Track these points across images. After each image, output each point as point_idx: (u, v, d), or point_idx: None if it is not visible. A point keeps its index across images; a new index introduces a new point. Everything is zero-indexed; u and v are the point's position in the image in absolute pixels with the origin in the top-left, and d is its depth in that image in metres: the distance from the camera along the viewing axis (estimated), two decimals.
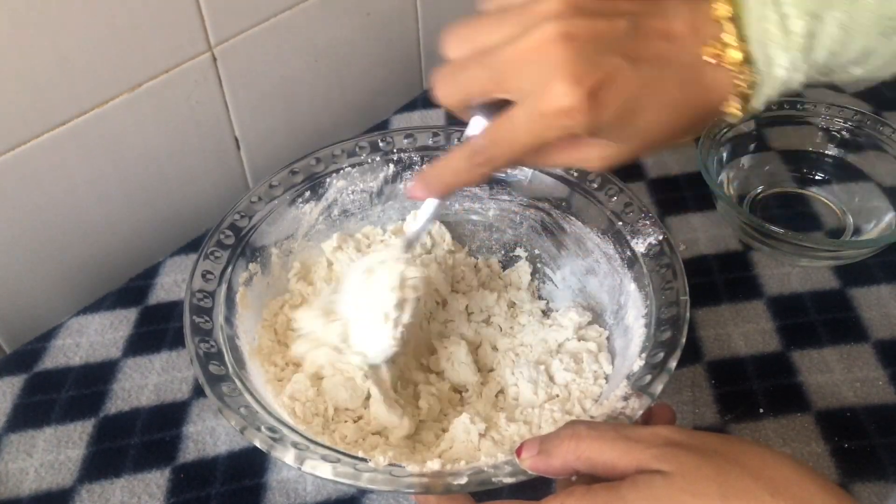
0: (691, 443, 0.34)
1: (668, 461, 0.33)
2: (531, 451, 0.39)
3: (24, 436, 0.53)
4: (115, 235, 0.65)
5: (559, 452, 0.37)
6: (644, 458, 0.34)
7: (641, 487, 0.33)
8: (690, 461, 0.33)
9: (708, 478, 0.32)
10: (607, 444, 0.35)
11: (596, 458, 0.36)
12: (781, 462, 0.33)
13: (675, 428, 0.36)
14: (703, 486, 0.32)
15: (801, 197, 0.67)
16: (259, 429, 0.43)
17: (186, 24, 0.60)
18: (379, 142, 0.61)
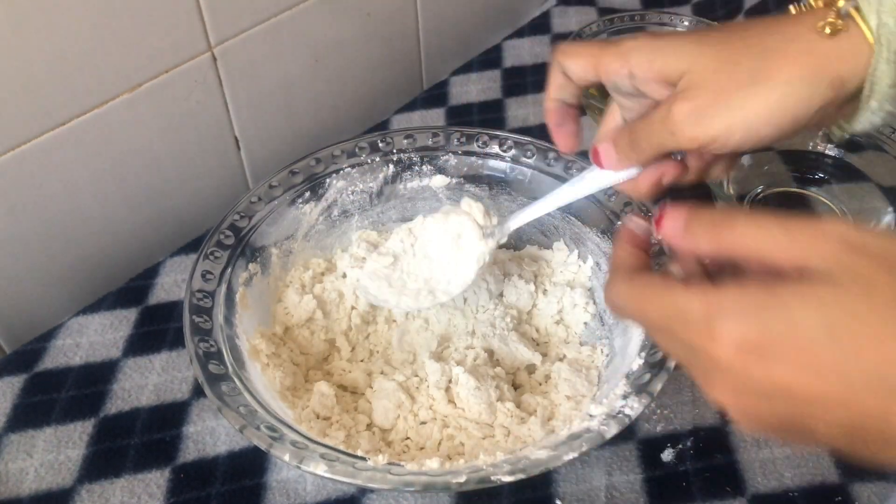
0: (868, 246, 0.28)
1: (839, 266, 0.28)
2: (676, 223, 0.33)
3: (24, 436, 0.53)
4: (115, 235, 0.65)
5: (709, 234, 0.32)
6: (810, 257, 0.29)
7: (809, 297, 0.28)
8: (865, 268, 0.28)
9: (886, 284, 0.27)
10: (766, 232, 0.30)
11: (751, 246, 0.31)
12: None
13: (850, 226, 0.29)
14: (880, 293, 0.27)
15: (801, 197, 0.67)
16: (258, 428, 0.43)
17: (186, 24, 0.60)
18: (379, 142, 0.61)
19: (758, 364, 0.28)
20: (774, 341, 0.28)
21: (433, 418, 0.51)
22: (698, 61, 0.39)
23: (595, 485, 0.48)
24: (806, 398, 0.28)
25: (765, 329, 0.28)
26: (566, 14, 0.91)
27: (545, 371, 0.54)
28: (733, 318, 0.29)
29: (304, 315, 0.56)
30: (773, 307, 0.28)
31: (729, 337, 0.29)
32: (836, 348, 0.27)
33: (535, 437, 0.48)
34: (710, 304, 0.30)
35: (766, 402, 0.29)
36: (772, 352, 0.28)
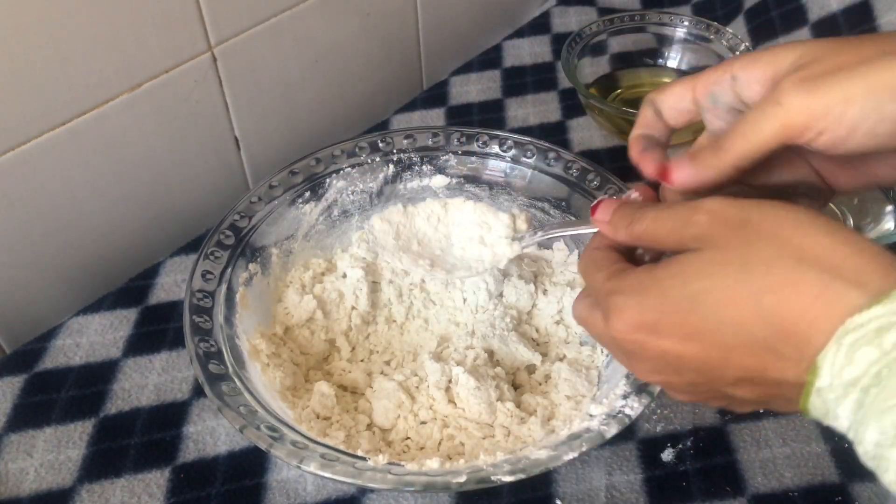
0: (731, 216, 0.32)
1: (703, 238, 0.32)
2: (605, 216, 0.39)
3: (24, 436, 0.53)
4: (115, 235, 0.65)
5: (624, 228, 0.37)
6: (684, 237, 0.33)
7: (673, 266, 0.33)
8: (722, 235, 0.32)
9: (733, 248, 0.31)
10: (661, 220, 0.35)
11: (651, 234, 0.35)
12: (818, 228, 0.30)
13: (724, 200, 0.33)
14: (727, 256, 0.31)
15: None
16: (258, 428, 0.43)
17: (186, 24, 0.60)
18: (379, 142, 0.62)
19: (649, 341, 0.33)
20: (655, 318, 0.32)
21: (433, 418, 0.51)
22: (811, 46, 0.35)
23: (595, 485, 0.48)
24: (698, 364, 0.32)
25: (645, 308, 0.33)
26: (566, 14, 0.91)
27: (545, 371, 0.54)
28: (620, 303, 0.34)
29: (305, 315, 0.56)
30: (649, 286, 0.33)
31: (619, 321, 0.33)
32: (702, 314, 0.31)
33: (535, 437, 0.48)
34: (610, 292, 0.34)
35: (676, 373, 0.34)
36: (655, 328, 0.32)
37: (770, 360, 0.30)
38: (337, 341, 0.56)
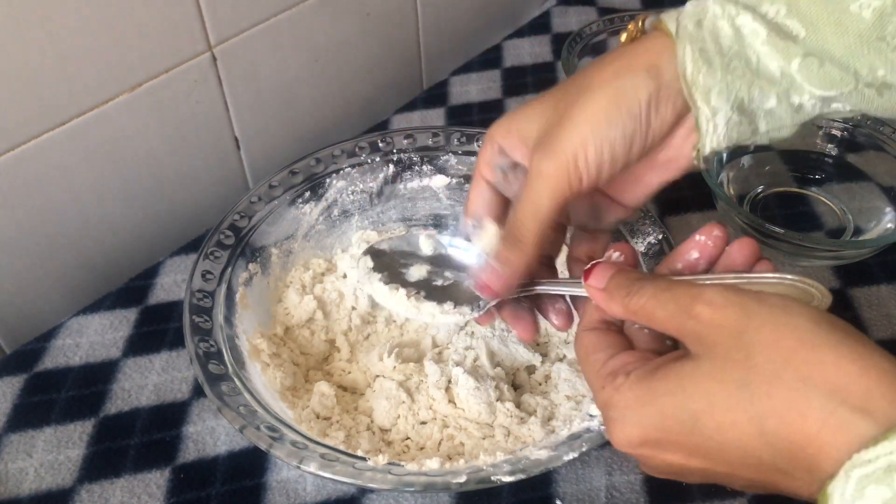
0: (730, 319, 0.31)
1: (702, 339, 0.31)
2: (599, 283, 0.37)
3: (24, 436, 0.53)
4: (115, 235, 0.65)
5: (620, 300, 0.35)
6: (684, 329, 0.32)
7: (671, 379, 0.32)
8: (721, 342, 0.31)
9: (733, 362, 0.30)
10: (660, 302, 0.34)
11: (649, 314, 0.34)
12: (822, 340, 0.29)
13: (725, 293, 0.32)
14: (727, 373, 0.30)
15: (801, 197, 0.67)
16: (258, 428, 0.43)
17: (186, 24, 0.60)
18: (379, 142, 0.62)
19: (653, 454, 0.33)
20: (656, 435, 0.32)
21: (433, 418, 0.51)
22: (542, 115, 0.41)
23: (595, 485, 0.48)
24: (705, 474, 0.32)
25: (646, 426, 0.32)
26: (566, 14, 0.91)
27: (545, 371, 0.54)
28: (618, 417, 0.33)
29: (305, 315, 0.56)
30: (648, 403, 0.32)
31: (621, 435, 0.33)
32: (705, 434, 0.30)
33: (535, 438, 0.48)
34: (607, 404, 0.34)
35: (683, 477, 0.34)
36: (657, 444, 0.32)
37: (779, 478, 0.30)
38: (337, 341, 0.56)
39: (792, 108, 0.38)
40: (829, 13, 0.36)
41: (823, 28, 0.36)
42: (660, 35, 0.39)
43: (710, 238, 0.37)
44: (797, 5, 0.36)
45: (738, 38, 0.37)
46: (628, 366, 0.34)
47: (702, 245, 0.37)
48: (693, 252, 0.38)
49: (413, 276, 0.47)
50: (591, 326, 0.38)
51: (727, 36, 0.37)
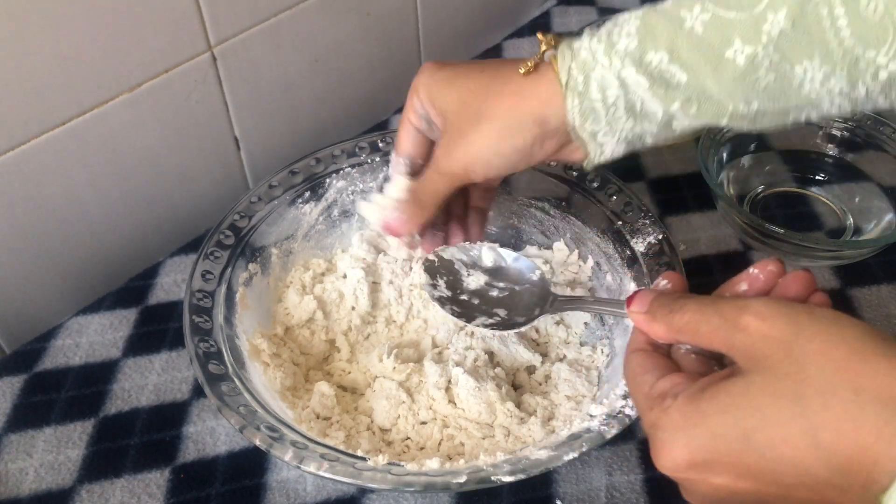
0: (780, 331, 0.31)
1: (751, 353, 0.31)
2: (641, 307, 0.37)
3: (24, 436, 0.53)
4: (115, 235, 0.65)
5: (663, 318, 0.36)
6: (733, 343, 0.32)
7: (721, 398, 0.31)
8: (771, 355, 0.30)
9: (784, 375, 0.29)
10: (705, 318, 0.33)
11: (694, 331, 0.34)
12: (873, 349, 0.29)
13: (772, 305, 0.32)
14: (779, 387, 0.29)
15: (801, 197, 0.67)
16: (258, 428, 0.43)
17: (186, 24, 0.60)
18: (379, 142, 0.62)
19: (700, 478, 0.32)
20: (706, 457, 0.31)
21: (433, 418, 0.51)
22: (450, 104, 0.47)
23: (595, 485, 0.48)
24: (754, 495, 0.31)
25: (694, 448, 0.31)
26: (566, 14, 0.91)
27: (545, 371, 0.54)
28: (666, 440, 0.32)
29: (305, 315, 0.56)
30: (697, 423, 0.31)
31: (667, 459, 0.32)
32: (757, 452, 0.30)
33: (535, 438, 0.48)
34: (654, 425, 0.33)
35: (727, 500, 0.32)
36: (705, 467, 0.31)
37: (832, 495, 0.29)
38: (337, 341, 0.56)
39: (672, 131, 0.43)
40: (707, 60, 0.39)
41: (701, 72, 0.39)
42: (551, 80, 0.43)
43: (764, 272, 0.37)
44: (678, 53, 0.39)
45: (623, 88, 0.41)
46: (677, 387, 0.34)
47: (753, 277, 0.37)
48: (742, 284, 0.37)
49: (472, 284, 0.52)
50: (638, 348, 0.38)
51: (613, 87, 0.41)
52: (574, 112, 0.42)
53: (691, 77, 0.39)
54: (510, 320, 0.49)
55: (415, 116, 0.50)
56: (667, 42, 0.39)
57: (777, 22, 0.36)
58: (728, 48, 0.38)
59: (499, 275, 0.52)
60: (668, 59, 0.39)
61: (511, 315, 0.50)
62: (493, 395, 0.50)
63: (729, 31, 0.38)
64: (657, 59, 0.40)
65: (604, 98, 0.41)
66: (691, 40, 0.39)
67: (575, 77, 0.42)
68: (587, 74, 0.41)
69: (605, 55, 0.41)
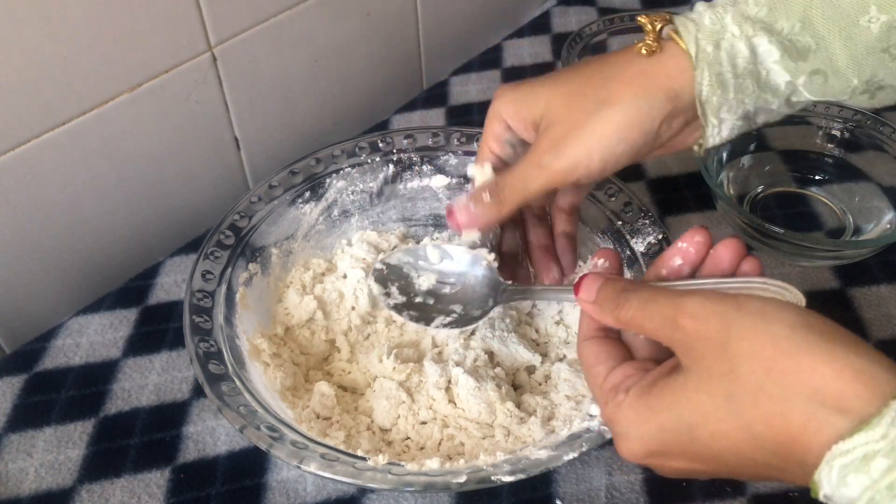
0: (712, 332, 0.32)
1: (689, 351, 0.33)
2: (588, 296, 0.38)
3: (24, 436, 0.53)
4: (115, 235, 0.65)
5: (610, 312, 0.37)
6: (672, 339, 0.34)
7: (666, 395, 0.33)
8: (706, 354, 0.32)
9: (718, 374, 0.31)
10: (646, 314, 0.35)
11: (639, 324, 0.36)
12: (798, 346, 0.30)
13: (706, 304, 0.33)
14: (714, 385, 0.32)
15: (801, 197, 0.67)
16: (258, 428, 0.43)
17: (186, 24, 0.60)
18: (379, 142, 0.62)
19: (659, 463, 0.35)
20: (659, 448, 0.34)
21: (433, 418, 0.51)
22: (552, 101, 0.44)
23: (595, 485, 0.48)
24: (709, 473, 0.34)
25: (648, 440, 0.34)
26: (566, 14, 0.91)
27: (545, 371, 0.54)
28: (622, 432, 0.35)
29: (305, 315, 0.56)
30: (647, 419, 0.34)
31: (627, 450, 0.35)
32: (701, 443, 0.32)
33: (535, 438, 0.48)
34: (611, 420, 0.36)
35: (691, 475, 0.35)
36: (661, 455, 0.34)
37: (776, 473, 0.32)
38: (337, 341, 0.56)
39: (790, 106, 0.42)
40: (841, 28, 0.38)
41: (834, 42, 0.39)
42: (677, 54, 0.41)
43: (692, 244, 0.38)
44: (811, 21, 0.39)
45: (753, 57, 0.40)
46: (627, 380, 0.36)
47: (684, 251, 0.39)
48: (676, 258, 0.39)
49: (423, 285, 0.51)
50: (590, 335, 0.40)
51: (743, 56, 0.40)
52: (703, 83, 0.41)
53: (822, 47, 0.39)
54: (467, 315, 0.49)
55: (497, 144, 0.48)
56: (800, 9, 0.39)
57: None
58: (863, 16, 0.38)
59: (447, 271, 0.52)
60: (801, 28, 0.39)
61: (467, 309, 0.49)
62: (493, 395, 0.50)
63: None
64: (789, 26, 0.39)
65: (734, 67, 0.40)
66: (825, 8, 0.38)
67: (704, 48, 0.40)
68: (717, 42, 0.40)
69: (735, 23, 0.40)
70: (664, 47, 0.42)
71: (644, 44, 0.42)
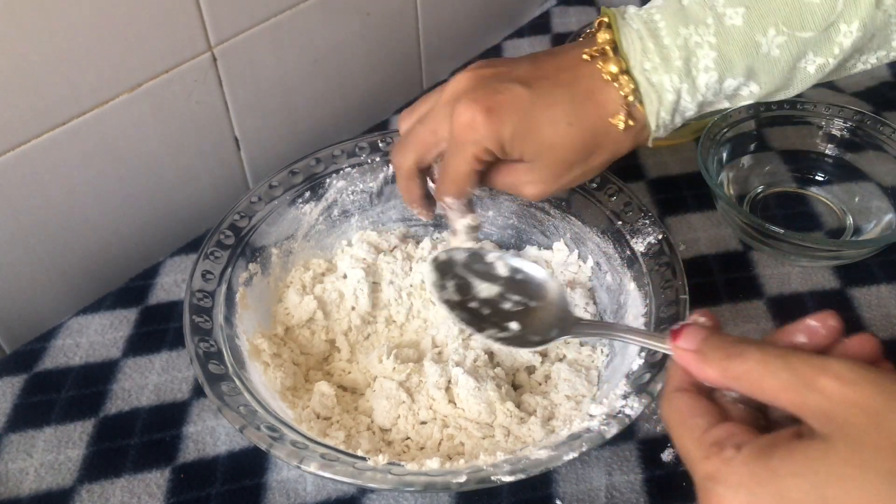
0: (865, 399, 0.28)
1: (832, 419, 0.29)
2: (690, 345, 0.34)
3: (24, 436, 0.53)
4: (115, 235, 0.65)
5: (717, 363, 0.33)
6: (806, 403, 0.30)
7: (797, 458, 0.29)
8: (857, 424, 0.28)
9: (875, 448, 0.27)
10: (771, 371, 0.31)
11: (756, 382, 0.31)
12: None
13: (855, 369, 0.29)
14: (869, 458, 0.27)
15: (801, 197, 0.67)
16: (258, 428, 0.43)
17: (186, 24, 0.60)
18: (379, 142, 0.62)
19: None
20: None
21: (433, 418, 0.51)
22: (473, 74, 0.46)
23: (595, 485, 0.48)
24: None
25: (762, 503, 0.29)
26: (566, 14, 0.91)
27: (545, 371, 0.54)
28: (727, 497, 0.30)
29: (305, 315, 0.56)
30: (765, 481, 0.29)
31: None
32: None
33: (535, 438, 0.48)
34: (713, 477, 0.30)
35: None
36: None
37: None
38: (337, 341, 0.56)
39: None
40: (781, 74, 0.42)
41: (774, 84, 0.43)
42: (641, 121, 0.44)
43: (825, 327, 0.34)
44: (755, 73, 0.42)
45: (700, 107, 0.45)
46: (736, 437, 0.31)
47: (812, 330, 0.34)
48: (800, 335, 0.34)
49: (483, 293, 0.48)
50: (682, 388, 0.35)
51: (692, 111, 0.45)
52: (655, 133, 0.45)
53: (764, 87, 0.42)
54: (524, 337, 0.46)
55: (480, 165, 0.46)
56: (744, 68, 0.41)
57: (850, 33, 0.39)
58: (801, 60, 0.41)
59: (513, 287, 0.48)
60: (745, 80, 0.42)
61: (525, 332, 0.46)
62: (492, 394, 0.50)
63: (804, 47, 0.40)
64: (735, 82, 0.42)
65: (683, 117, 0.45)
66: (768, 62, 0.41)
67: (664, 117, 0.44)
68: (674, 111, 0.44)
69: (690, 95, 0.43)
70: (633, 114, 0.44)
71: (617, 116, 0.43)
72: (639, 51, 0.42)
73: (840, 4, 0.39)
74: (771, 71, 0.41)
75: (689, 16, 0.41)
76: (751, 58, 0.41)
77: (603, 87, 0.43)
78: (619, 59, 0.42)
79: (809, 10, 0.39)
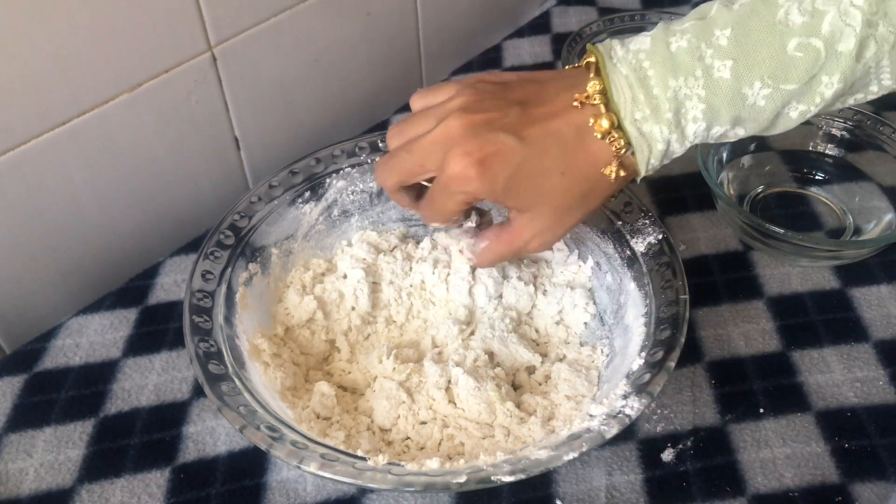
0: None
1: None
2: None
3: (24, 436, 0.53)
4: (115, 235, 0.65)
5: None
6: None
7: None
8: None
9: None
10: None
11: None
12: None
13: None
14: None
15: (801, 197, 0.67)
16: (258, 428, 0.43)
17: (186, 24, 0.60)
18: (379, 142, 0.62)
19: None
20: None
21: (433, 418, 0.51)
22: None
23: (595, 485, 0.48)
24: None
25: None
26: (566, 14, 0.91)
27: (545, 371, 0.54)
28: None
29: (305, 315, 0.56)
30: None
31: None
32: None
33: (535, 438, 0.48)
34: None
35: None
36: None
37: None
38: (337, 341, 0.56)
39: None
40: (766, 121, 0.43)
41: (759, 130, 0.44)
42: (631, 168, 0.45)
43: None
44: (741, 121, 0.43)
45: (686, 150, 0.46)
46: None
47: None
48: None
49: None
50: None
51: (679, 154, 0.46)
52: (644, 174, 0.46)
53: (749, 131, 0.44)
54: None
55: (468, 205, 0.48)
56: (731, 118, 0.42)
57: (831, 84, 0.41)
58: (785, 108, 0.42)
59: None
60: (731, 126, 0.43)
61: None
62: (492, 395, 0.50)
63: (788, 98, 0.41)
64: (722, 129, 0.43)
65: (670, 159, 0.46)
66: (754, 111, 0.42)
67: (653, 163, 0.45)
68: (663, 157, 0.45)
69: (679, 143, 0.44)
70: (624, 162, 0.44)
71: (607, 166, 0.44)
72: (629, 100, 0.43)
73: (822, 58, 0.40)
74: (757, 119, 0.43)
75: (679, 66, 0.42)
76: (737, 108, 0.42)
77: (594, 138, 0.44)
78: (611, 114, 0.43)
79: (793, 64, 0.40)
